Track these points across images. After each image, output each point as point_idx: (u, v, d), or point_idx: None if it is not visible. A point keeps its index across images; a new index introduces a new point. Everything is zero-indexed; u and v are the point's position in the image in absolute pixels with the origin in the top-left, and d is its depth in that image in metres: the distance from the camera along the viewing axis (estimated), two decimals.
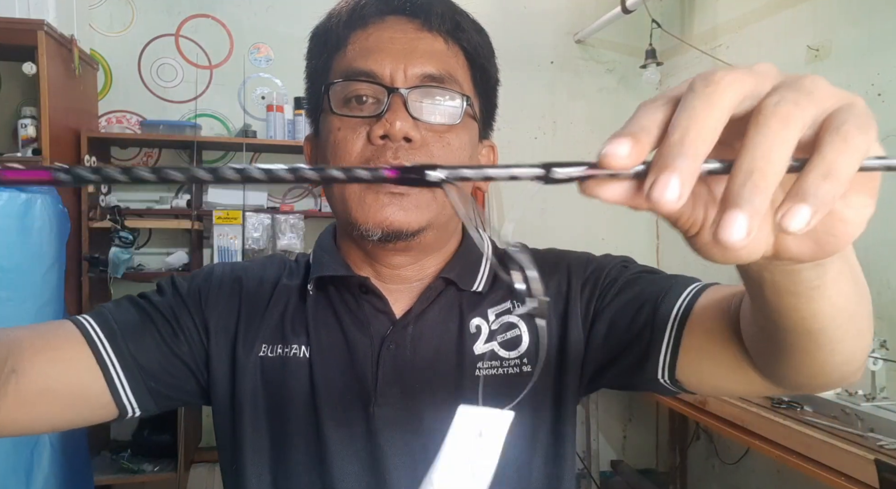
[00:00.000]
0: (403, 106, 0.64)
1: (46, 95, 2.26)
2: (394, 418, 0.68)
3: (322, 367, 0.70)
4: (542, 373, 0.70)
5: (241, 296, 0.74)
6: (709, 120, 0.27)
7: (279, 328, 0.72)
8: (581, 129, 3.32)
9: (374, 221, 0.64)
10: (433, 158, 0.65)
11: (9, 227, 1.76)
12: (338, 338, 0.71)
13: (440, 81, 0.66)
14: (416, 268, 0.72)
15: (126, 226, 2.56)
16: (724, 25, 2.87)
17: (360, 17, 0.68)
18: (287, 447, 0.70)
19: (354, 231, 0.66)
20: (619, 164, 0.28)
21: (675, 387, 0.64)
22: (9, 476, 1.75)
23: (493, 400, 0.68)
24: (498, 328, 0.71)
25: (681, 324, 0.61)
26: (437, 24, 0.68)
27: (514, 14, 3.23)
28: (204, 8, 2.92)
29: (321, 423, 0.68)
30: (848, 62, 2.22)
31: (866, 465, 1.47)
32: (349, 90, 0.66)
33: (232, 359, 0.72)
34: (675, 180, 0.27)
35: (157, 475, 2.53)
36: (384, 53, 0.66)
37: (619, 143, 0.28)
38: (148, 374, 0.68)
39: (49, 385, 0.63)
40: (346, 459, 0.68)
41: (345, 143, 0.65)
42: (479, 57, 0.71)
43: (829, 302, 0.39)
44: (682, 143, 0.27)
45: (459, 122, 0.67)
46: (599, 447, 3.20)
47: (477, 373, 0.68)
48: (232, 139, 2.84)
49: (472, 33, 0.71)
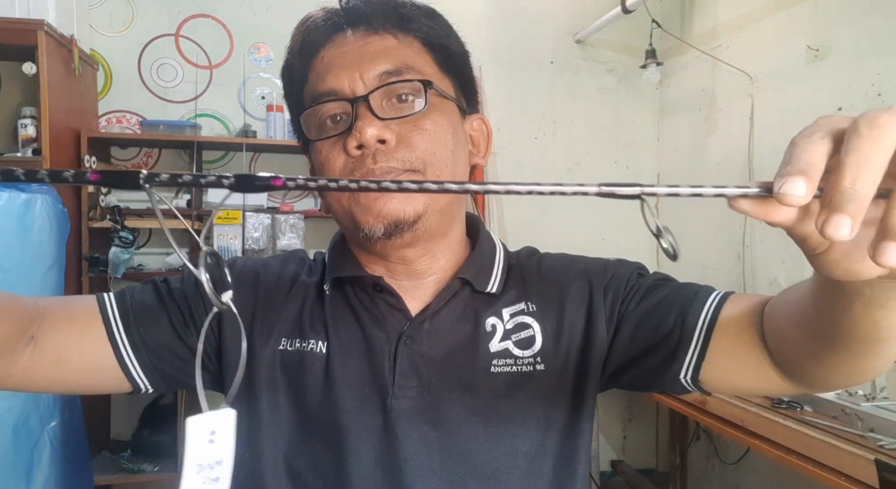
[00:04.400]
0: (369, 111, 0.65)
1: (46, 95, 2.26)
2: (410, 411, 0.69)
3: (340, 362, 0.71)
4: (561, 373, 0.72)
5: (257, 290, 0.76)
6: (876, 164, 0.31)
7: (297, 323, 0.74)
8: (581, 129, 3.32)
9: (374, 215, 0.65)
10: (414, 149, 0.66)
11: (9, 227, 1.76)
12: (355, 334, 0.73)
13: (398, 74, 0.67)
14: (427, 261, 0.73)
15: (126, 226, 2.56)
16: (724, 25, 2.87)
17: (310, 45, 0.71)
18: (304, 437, 0.72)
19: (360, 233, 0.67)
20: (798, 204, 0.32)
21: (693, 386, 0.68)
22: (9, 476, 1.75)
23: (506, 396, 0.69)
24: (512, 328, 0.72)
25: (709, 329, 0.65)
26: (380, 24, 0.69)
27: (514, 14, 3.24)
28: (204, 8, 2.92)
29: (339, 415, 0.70)
30: (848, 62, 2.22)
31: (866, 465, 1.47)
32: (320, 113, 0.68)
33: (250, 352, 0.74)
34: (847, 221, 0.31)
35: (157, 475, 2.52)
36: (338, 68, 0.68)
37: (795, 182, 0.32)
38: (155, 356, 0.71)
39: (63, 354, 0.66)
40: (364, 449, 0.69)
41: (328, 163, 0.68)
42: (436, 38, 0.72)
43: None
44: (854, 187, 0.31)
45: (426, 107, 0.67)
46: (599, 447, 3.20)
47: (493, 370, 0.70)
48: (232, 139, 2.84)
49: (421, 19, 0.71)
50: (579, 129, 3.32)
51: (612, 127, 3.37)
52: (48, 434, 1.88)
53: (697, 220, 3.00)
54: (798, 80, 2.43)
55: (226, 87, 2.94)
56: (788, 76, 2.48)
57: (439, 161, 0.68)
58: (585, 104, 3.34)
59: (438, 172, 0.68)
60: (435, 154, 0.67)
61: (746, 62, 2.69)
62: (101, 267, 2.53)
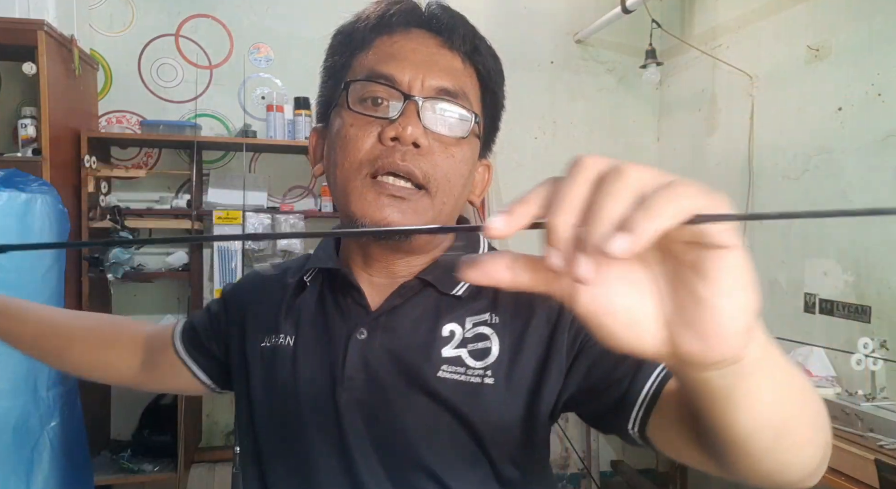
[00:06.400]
0: (416, 113, 0.67)
1: (46, 95, 2.26)
2: (357, 404, 0.71)
3: (303, 355, 0.75)
4: (512, 390, 0.69)
5: (252, 294, 0.86)
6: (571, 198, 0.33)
7: (275, 320, 0.79)
8: (581, 129, 3.32)
9: (372, 219, 0.67)
10: (437, 167, 0.69)
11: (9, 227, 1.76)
12: (320, 327, 0.76)
13: (454, 96, 0.70)
14: (404, 264, 0.75)
15: (126, 226, 2.56)
16: (724, 25, 2.87)
17: (387, 24, 0.72)
18: (280, 430, 0.76)
19: (350, 223, 0.70)
20: (499, 234, 0.33)
21: (643, 441, 0.62)
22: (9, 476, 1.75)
23: (451, 404, 0.68)
24: (471, 337, 0.71)
25: (661, 385, 0.60)
26: (458, 43, 0.72)
27: (514, 14, 3.24)
28: (204, 8, 2.92)
29: (300, 407, 0.73)
30: (848, 62, 2.22)
31: (866, 465, 1.47)
32: (367, 90, 0.69)
33: (242, 352, 0.82)
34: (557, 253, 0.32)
35: (157, 475, 2.53)
36: (406, 61, 0.69)
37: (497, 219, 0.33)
38: (207, 364, 0.90)
39: (159, 377, 0.93)
40: (320, 442, 0.72)
41: (356, 139, 0.69)
42: (491, 81, 0.75)
43: (747, 413, 0.39)
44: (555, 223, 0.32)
45: (466, 136, 0.71)
46: (599, 447, 3.20)
47: (439, 375, 0.69)
48: (232, 139, 2.84)
49: (488, 58, 0.75)
50: (579, 129, 3.32)
51: (612, 127, 3.37)
52: (48, 434, 1.88)
53: None
54: (798, 80, 2.43)
55: (226, 87, 2.94)
56: (788, 76, 2.48)
57: (451, 189, 0.71)
58: (585, 104, 3.34)
59: (445, 199, 0.71)
60: (450, 181, 0.70)
61: (746, 62, 2.69)
62: (101, 267, 2.53)
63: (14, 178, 1.81)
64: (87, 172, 2.54)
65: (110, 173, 2.67)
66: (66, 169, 2.47)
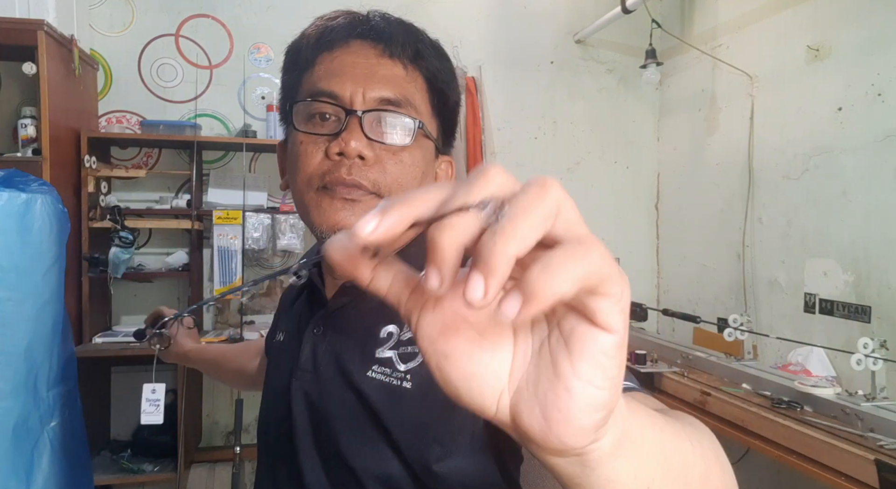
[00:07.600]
0: (359, 126, 0.70)
1: (46, 95, 2.26)
2: (302, 392, 0.76)
3: (283, 348, 0.84)
4: (430, 397, 0.67)
5: (284, 296, 0.95)
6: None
7: (280, 318, 0.91)
8: (581, 129, 3.32)
9: (328, 224, 0.70)
10: (386, 175, 0.71)
11: (9, 227, 1.76)
12: (298, 323, 0.83)
13: (396, 105, 0.72)
14: None
15: (126, 226, 2.56)
16: (724, 25, 2.87)
17: (327, 41, 0.74)
18: (263, 413, 0.88)
19: (314, 231, 0.73)
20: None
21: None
22: (9, 476, 1.75)
23: (378, 403, 0.69)
24: (406, 339, 0.71)
25: None
26: (398, 51, 0.73)
27: (514, 14, 3.24)
28: (204, 8, 2.92)
29: (275, 396, 0.81)
30: (848, 62, 2.22)
31: (866, 465, 1.47)
32: (313, 108, 0.73)
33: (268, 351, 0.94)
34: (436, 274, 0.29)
35: (157, 475, 2.53)
36: (346, 77, 0.71)
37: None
38: None
39: (262, 364, 1.10)
40: (276, 426, 0.79)
41: (305, 155, 0.72)
42: (438, 81, 0.76)
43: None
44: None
45: (411, 142, 0.72)
46: None
47: (369, 374, 0.71)
48: (232, 139, 2.84)
49: (432, 60, 0.76)
50: (579, 129, 3.32)
51: (612, 127, 3.36)
52: (48, 434, 1.88)
53: (697, 220, 3.00)
54: (798, 80, 2.43)
55: (226, 87, 2.94)
56: (788, 76, 2.48)
57: (404, 191, 0.69)
58: (585, 104, 3.34)
59: None
60: (402, 185, 0.72)
61: (746, 62, 2.69)
62: (101, 267, 2.53)
63: (14, 178, 1.81)
64: (87, 172, 2.54)
65: (110, 173, 2.67)
66: (66, 169, 2.47)
